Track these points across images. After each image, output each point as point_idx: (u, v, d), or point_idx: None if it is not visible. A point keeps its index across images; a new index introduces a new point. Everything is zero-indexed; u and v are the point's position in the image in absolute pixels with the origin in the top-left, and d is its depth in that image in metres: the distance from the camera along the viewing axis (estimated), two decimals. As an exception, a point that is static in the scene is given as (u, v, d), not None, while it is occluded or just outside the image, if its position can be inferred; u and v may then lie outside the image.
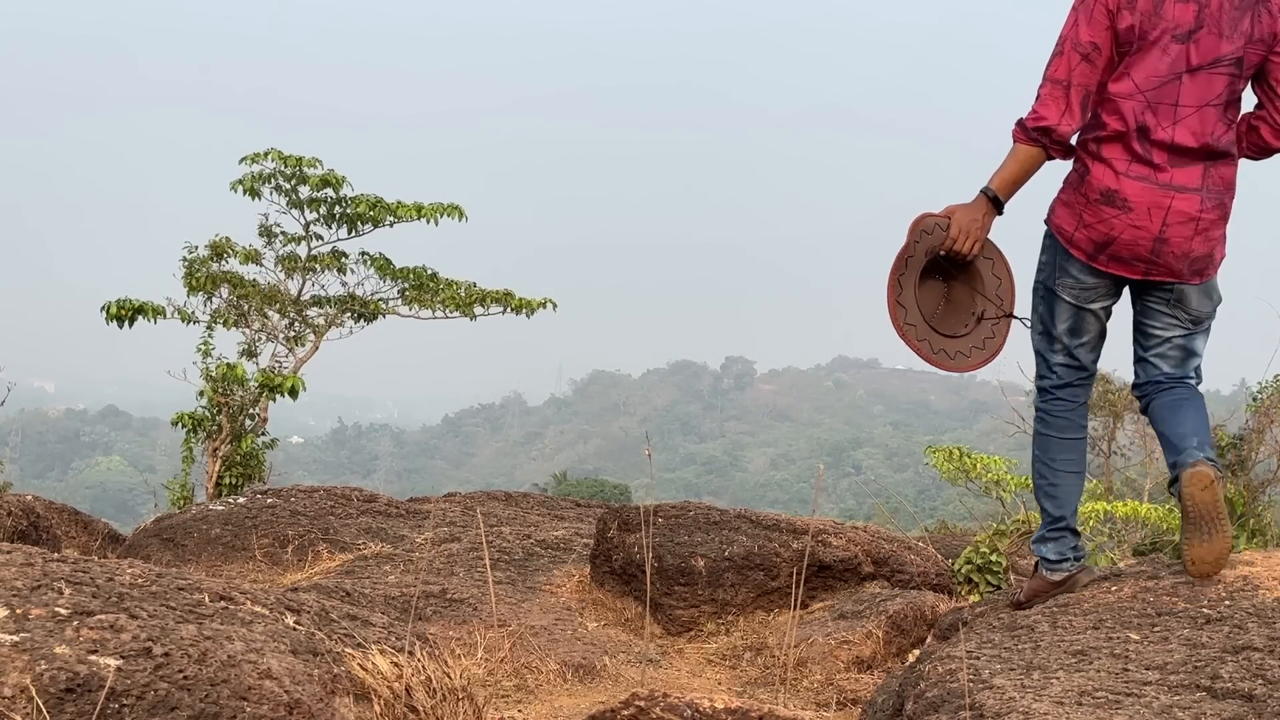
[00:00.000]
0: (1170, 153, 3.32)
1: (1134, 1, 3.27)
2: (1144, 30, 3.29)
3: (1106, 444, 14.35)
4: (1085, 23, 3.28)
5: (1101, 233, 3.34)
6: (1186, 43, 3.29)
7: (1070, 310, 3.43)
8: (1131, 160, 3.32)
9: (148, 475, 40.36)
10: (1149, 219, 3.32)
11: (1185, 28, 3.29)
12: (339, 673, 2.46)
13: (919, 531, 8.74)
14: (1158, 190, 3.31)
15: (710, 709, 2.66)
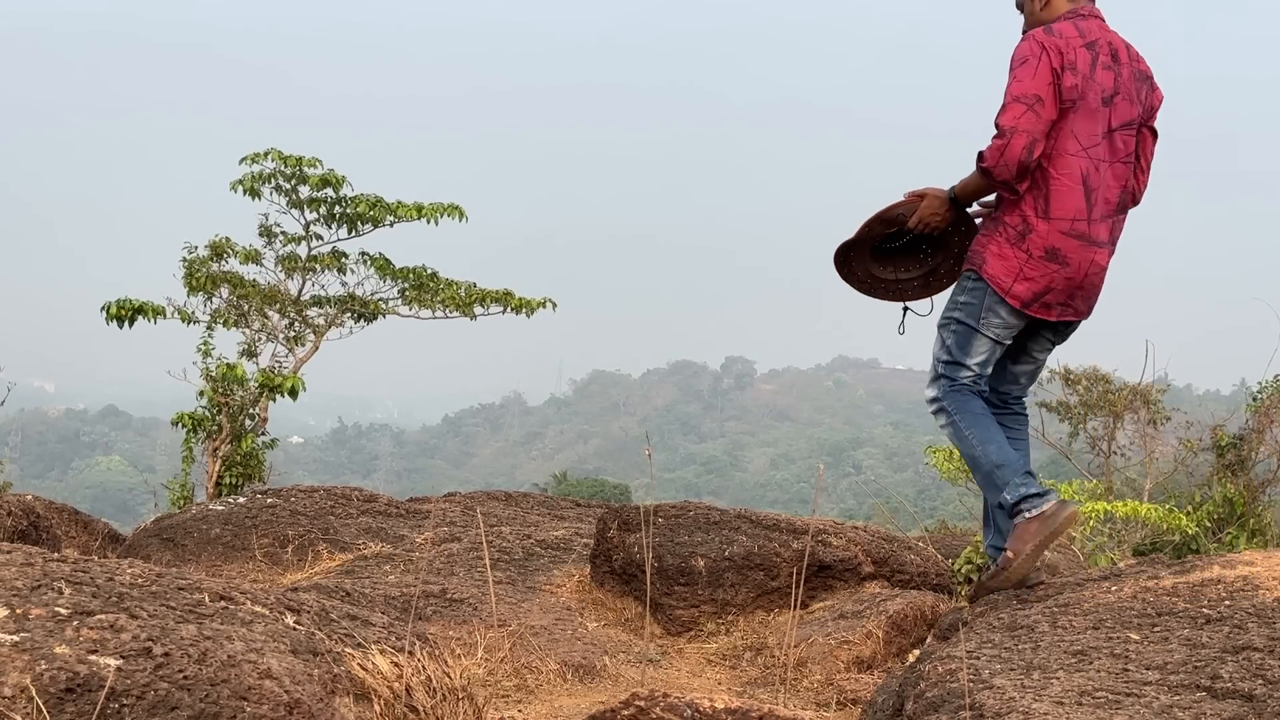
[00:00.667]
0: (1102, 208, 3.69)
1: (1075, 64, 3.61)
2: (1083, 91, 3.63)
3: (1106, 444, 14.34)
4: (1031, 77, 3.56)
5: (1042, 285, 3.68)
6: (1109, 106, 3.67)
7: (989, 345, 3.76)
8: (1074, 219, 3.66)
9: (148, 475, 40.38)
10: (1077, 271, 3.70)
11: (1108, 92, 3.67)
12: (339, 673, 2.46)
13: (919, 531, 8.74)
14: (1088, 245, 3.68)
15: (710, 709, 2.66)
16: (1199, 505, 10.01)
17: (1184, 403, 21.44)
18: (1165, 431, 14.47)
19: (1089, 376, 14.64)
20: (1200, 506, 9.96)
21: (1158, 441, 14.18)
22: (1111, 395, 14.19)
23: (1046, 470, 25.28)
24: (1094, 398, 14.38)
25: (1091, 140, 3.65)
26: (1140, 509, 6.32)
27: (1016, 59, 3.64)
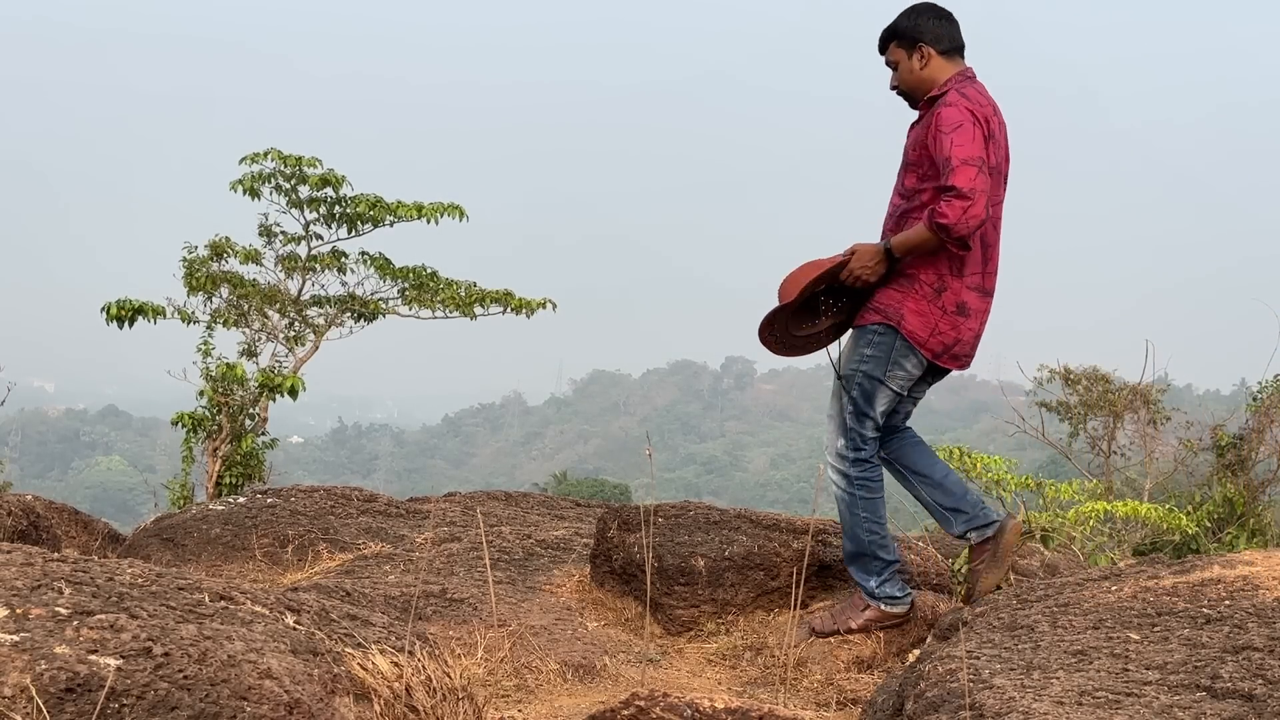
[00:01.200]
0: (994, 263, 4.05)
1: (993, 133, 3.92)
2: (997, 160, 3.95)
3: (1106, 444, 14.34)
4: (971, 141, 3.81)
5: (952, 338, 3.98)
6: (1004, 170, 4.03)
7: (892, 396, 4.02)
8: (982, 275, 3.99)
9: (148, 475, 40.38)
10: (980, 323, 4.04)
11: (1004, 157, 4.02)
12: (339, 672, 2.46)
13: (919, 531, 8.73)
14: (986, 298, 4.03)
15: (710, 709, 2.66)
16: (1199, 505, 10.01)
17: (1184, 403, 21.44)
18: (1165, 431, 14.47)
19: (1089, 376, 14.64)
20: (1200, 506, 9.96)
21: (1158, 441, 14.18)
22: (1111, 395, 14.19)
23: (1046, 470, 25.27)
24: (1094, 397, 14.38)
25: (995, 203, 3.96)
26: (1140, 509, 6.32)
27: (949, 123, 3.84)
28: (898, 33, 4.06)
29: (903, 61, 4.05)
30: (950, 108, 3.87)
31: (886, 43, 4.10)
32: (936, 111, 3.89)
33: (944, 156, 3.80)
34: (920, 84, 4.03)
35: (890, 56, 4.09)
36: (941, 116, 3.85)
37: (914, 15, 4.05)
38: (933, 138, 3.87)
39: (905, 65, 4.04)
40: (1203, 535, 9.32)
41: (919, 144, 3.96)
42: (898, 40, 4.06)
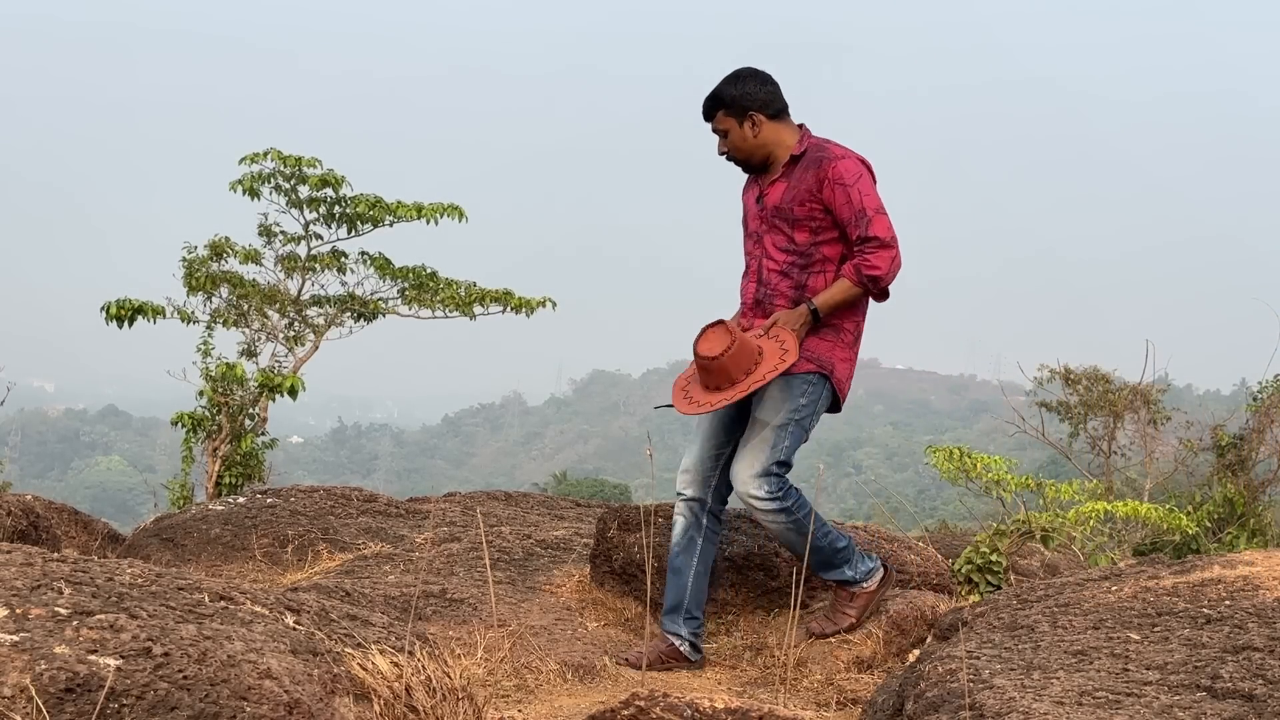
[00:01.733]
0: None
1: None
2: None
3: (1107, 444, 14.34)
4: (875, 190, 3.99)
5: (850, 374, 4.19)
6: None
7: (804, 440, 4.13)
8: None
9: (147, 475, 40.38)
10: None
11: None
12: (339, 672, 2.46)
13: (919, 531, 8.73)
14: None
15: (710, 709, 2.66)
16: (1199, 505, 10.01)
17: (1184, 403, 21.45)
18: (1165, 431, 14.48)
19: (1089, 376, 14.64)
20: (1200, 506, 9.96)
21: (1158, 441, 14.18)
22: (1112, 395, 14.19)
23: (1047, 470, 25.27)
24: (1094, 398, 14.39)
25: None
26: (1140, 509, 6.31)
27: (850, 174, 3.97)
28: (724, 102, 4.12)
29: (733, 130, 4.12)
30: (846, 160, 4.00)
31: (713, 111, 4.15)
32: (830, 165, 3.99)
33: (857, 208, 3.94)
34: (755, 149, 4.13)
35: (718, 125, 4.15)
36: (839, 170, 3.97)
37: (739, 83, 4.12)
38: (832, 191, 3.97)
39: (736, 133, 4.12)
40: (1203, 535, 9.32)
41: (806, 199, 4.03)
42: (725, 110, 4.12)
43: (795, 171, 4.08)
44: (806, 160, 4.06)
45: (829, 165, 3.98)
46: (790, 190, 4.07)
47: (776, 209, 4.10)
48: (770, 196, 4.12)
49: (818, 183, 4.00)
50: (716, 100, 4.14)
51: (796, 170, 4.07)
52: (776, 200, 4.10)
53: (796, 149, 4.09)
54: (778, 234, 4.11)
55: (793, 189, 4.06)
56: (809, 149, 4.08)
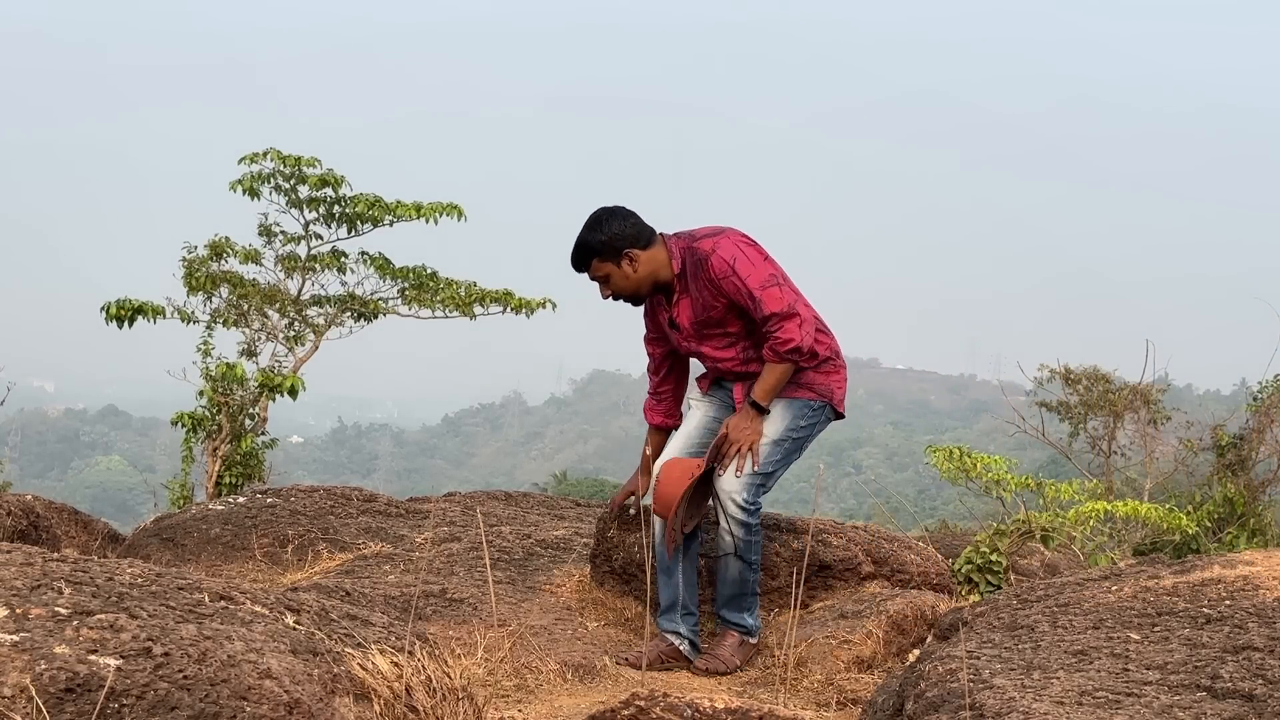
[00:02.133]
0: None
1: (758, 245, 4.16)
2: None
3: (1107, 444, 14.34)
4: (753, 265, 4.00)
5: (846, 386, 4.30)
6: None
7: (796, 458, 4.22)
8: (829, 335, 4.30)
9: (147, 475, 40.36)
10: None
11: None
12: (339, 672, 2.46)
13: (919, 531, 8.73)
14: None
15: (710, 709, 2.66)
16: (1199, 505, 10.01)
17: (1184, 403, 21.45)
18: (1165, 431, 14.48)
19: (1089, 376, 14.64)
20: (1200, 506, 9.96)
21: (1158, 441, 14.18)
22: (1112, 395, 14.19)
23: (1047, 470, 25.25)
24: (1094, 397, 14.38)
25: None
26: (1140, 509, 6.31)
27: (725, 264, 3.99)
28: (596, 250, 4.12)
29: (613, 273, 4.13)
30: (715, 253, 4.02)
31: (587, 261, 4.15)
32: (708, 266, 4.02)
33: (745, 294, 3.98)
34: (639, 284, 4.15)
35: (595, 274, 4.16)
36: (716, 266, 4.01)
37: (604, 226, 4.12)
38: (722, 287, 4.02)
39: (616, 275, 4.13)
40: (1203, 535, 9.32)
41: (713, 302, 4.09)
42: (599, 257, 4.12)
43: (688, 284, 4.13)
44: (689, 272, 4.11)
45: (707, 267, 4.03)
46: (696, 303, 4.14)
47: (696, 324, 4.17)
48: (682, 317, 4.19)
49: (712, 286, 4.06)
50: (588, 250, 4.13)
51: (689, 283, 4.13)
52: (691, 317, 4.17)
53: (676, 267, 4.12)
54: (712, 340, 4.21)
55: (697, 301, 4.13)
56: (685, 260, 4.11)
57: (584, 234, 4.14)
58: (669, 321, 4.24)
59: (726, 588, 4.25)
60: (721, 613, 4.29)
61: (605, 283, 4.17)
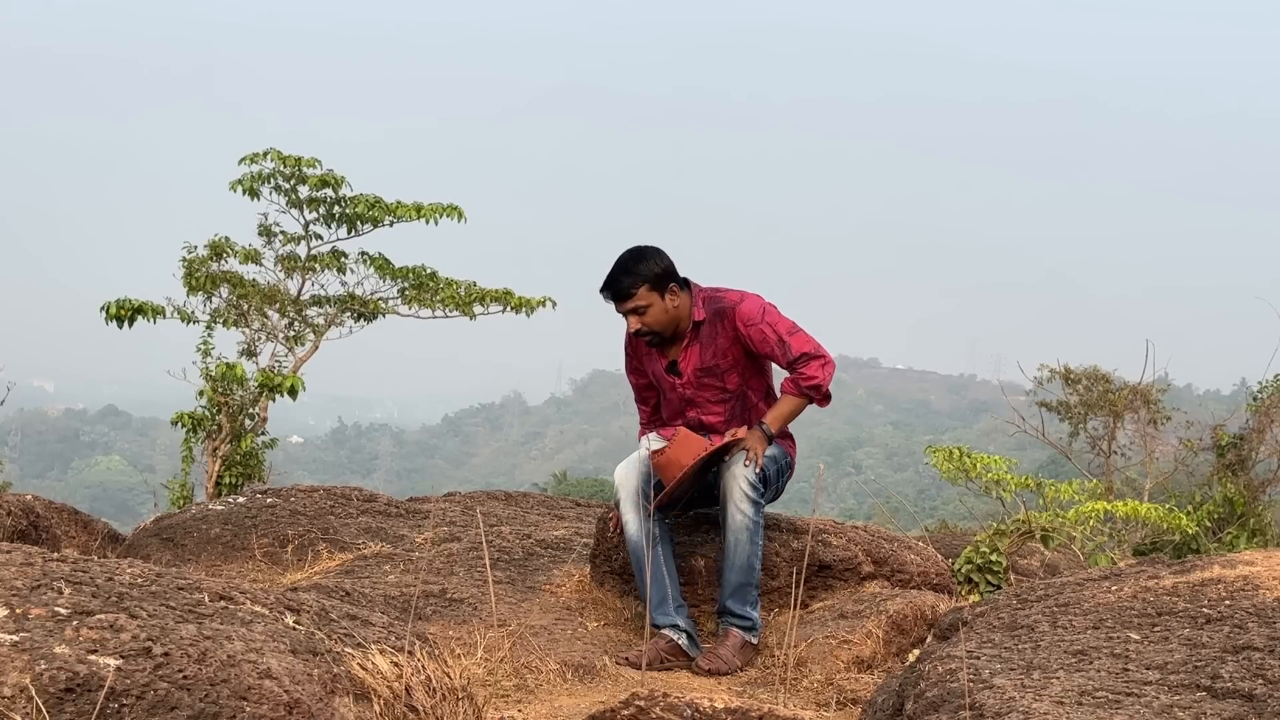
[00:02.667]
0: None
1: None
2: None
3: (1107, 444, 14.34)
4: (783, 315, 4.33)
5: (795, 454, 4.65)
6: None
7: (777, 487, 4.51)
8: None
9: (147, 475, 40.35)
10: None
11: None
12: (339, 672, 2.46)
13: (919, 531, 8.73)
14: None
15: (710, 709, 2.66)
16: (1199, 505, 10.01)
17: (1184, 403, 21.44)
18: (1165, 431, 14.48)
19: (1089, 376, 14.64)
20: (1200, 506, 9.96)
21: (1158, 441, 14.19)
22: (1112, 395, 14.19)
23: (1047, 470, 25.25)
24: (1094, 397, 14.38)
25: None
26: (1140, 509, 6.30)
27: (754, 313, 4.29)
28: (646, 278, 4.27)
29: (655, 304, 4.29)
30: (744, 303, 4.31)
31: (635, 289, 4.27)
32: (735, 313, 4.29)
33: (774, 339, 4.25)
34: (672, 319, 4.34)
35: (640, 302, 4.28)
36: (744, 313, 4.29)
37: (652, 260, 4.30)
38: (747, 333, 4.29)
39: (659, 306, 4.29)
40: (1203, 535, 9.32)
41: (726, 350, 4.33)
42: (649, 285, 4.27)
43: (704, 332, 4.34)
44: (710, 318, 4.33)
45: (733, 314, 4.29)
46: (706, 349, 4.35)
47: (700, 370, 4.36)
48: (687, 363, 4.38)
49: (731, 332, 4.30)
50: (639, 278, 4.27)
51: (704, 331, 4.34)
52: (696, 364, 4.36)
53: (699, 315, 4.35)
54: (708, 390, 4.41)
55: (708, 348, 4.34)
56: (708, 308, 4.35)
57: (630, 263, 4.29)
58: (668, 366, 4.42)
59: (735, 574, 4.24)
60: (728, 604, 4.27)
61: (643, 313, 4.30)
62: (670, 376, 4.44)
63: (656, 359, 4.49)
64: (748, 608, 4.27)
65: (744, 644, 4.23)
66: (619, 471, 4.43)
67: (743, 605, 4.26)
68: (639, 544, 4.30)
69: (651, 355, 4.51)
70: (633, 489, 4.35)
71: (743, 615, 4.26)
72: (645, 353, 4.52)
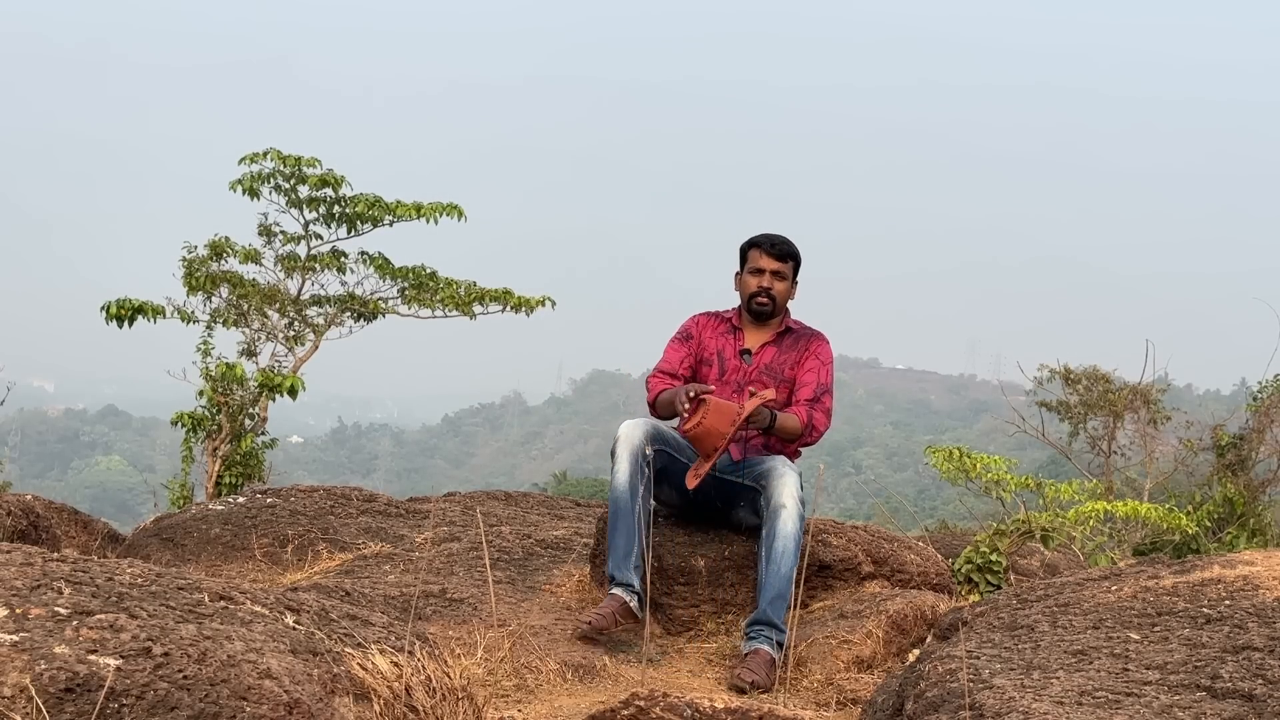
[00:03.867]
0: None
1: None
2: None
3: (1107, 444, 14.34)
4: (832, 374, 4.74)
5: None
6: None
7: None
8: None
9: (147, 475, 40.38)
10: None
11: None
12: (339, 672, 2.46)
13: (919, 531, 8.73)
14: None
15: (710, 709, 2.66)
16: (1199, 505, 10.01)
17: (1184, 403, 21.45)
18: (1165, 431, 14.49)
19: (1089, 376, 14.64)
20: (1200, 506, 9.96)
21: (1158, 441, 14.19)
22: (1111, 395, 14.19)
23: (1047, 470, 25.26)
24: (1094, 397, 14.39)
25: None
26: (1140, 509, 6.30)
27: (827, 355, 4.70)
28: (797, 259, 4.72)
29: (788, 282, 4.72)
30: (828, 344, 4.73)
31: (793, 257, 4.71)
32: (818, 344, 4.70)
33: (821, 383, 4.62)
34: (782, 305, 4.72)
35: (783, 270, 4.69)
36: (823, 350, 4.70)
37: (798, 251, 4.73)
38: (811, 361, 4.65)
39: (786, 285, 4.71)
40: (1203, 535, 9.32)
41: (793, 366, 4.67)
42: (796, 265, 4.72)
43: (785, 341, 4.69)
44: (797, 334, 4.70)
45: (816, 344, 4.69)
46: (781, 355, 4.67)
47: (768, 368, 4.66)
48: (761, 356, 4.68)
49: (803, 354, 4.66)
50: (794, 252, 4.70)
51: (786, 340, 4.69)
52: (769, 361, 4.67)
53: (790, 323, 4.74)
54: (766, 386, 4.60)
55: (784, 355, 4.67)
56: (797, 326, 4.74)
57: (790, 244, 4.70)
58: (740, 351, 4.70)
59: (779, 582, 4.19)
60: (767, 611, 4.15)
61: (778, 278, 4.66)
62: (740, 358, 4.68)
63: (731, 341, 4.71)
64: (783, 620, 4.19)
65: (771, 661, 4.08)
66: (624, 426, 4.50)
67: (779, 616, 4.19)
68: (625, 494, 4.36)
69: (721, 339, 4.72)
70: (636, 443, 4.40)
71: (779, 628, 4.15)
72: (713, 335, 4.74)
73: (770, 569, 4.22)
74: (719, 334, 4.73)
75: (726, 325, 4.74)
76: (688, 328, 4.78)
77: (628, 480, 4.37)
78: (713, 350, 4.71)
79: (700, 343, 4.74)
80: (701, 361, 4.73)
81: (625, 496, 4.35)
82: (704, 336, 4.74)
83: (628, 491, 4.35)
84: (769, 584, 4.20)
